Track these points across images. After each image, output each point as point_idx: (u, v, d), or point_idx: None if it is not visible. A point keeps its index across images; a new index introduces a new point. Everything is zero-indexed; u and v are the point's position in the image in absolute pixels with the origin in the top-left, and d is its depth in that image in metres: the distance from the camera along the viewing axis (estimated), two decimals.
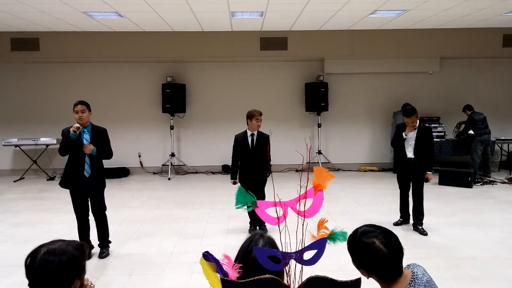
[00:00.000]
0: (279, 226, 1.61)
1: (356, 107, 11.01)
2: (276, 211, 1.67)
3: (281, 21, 9.29)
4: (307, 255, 1.59)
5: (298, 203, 1.68)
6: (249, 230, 5.92)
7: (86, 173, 4.97)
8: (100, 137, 5.10)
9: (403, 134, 5.85)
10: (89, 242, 5.16)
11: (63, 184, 5.06)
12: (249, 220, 5.98)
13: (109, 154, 5.20)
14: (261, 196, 5.76)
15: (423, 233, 5.73)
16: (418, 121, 5.84)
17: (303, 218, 1.61)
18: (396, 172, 6.28)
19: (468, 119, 9.60)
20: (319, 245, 1.57)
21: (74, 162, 4.97)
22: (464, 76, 11.01)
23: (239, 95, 10.78)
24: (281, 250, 1.68)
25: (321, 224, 1.63)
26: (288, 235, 1.59)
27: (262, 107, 5.93)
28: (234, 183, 5.92)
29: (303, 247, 1.57)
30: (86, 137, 4.98)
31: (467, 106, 9.78)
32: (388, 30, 10.42)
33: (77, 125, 4.81)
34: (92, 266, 4.70)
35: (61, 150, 4.94)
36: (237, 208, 1.75)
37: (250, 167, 5.72)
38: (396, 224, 6.11)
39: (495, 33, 10.50)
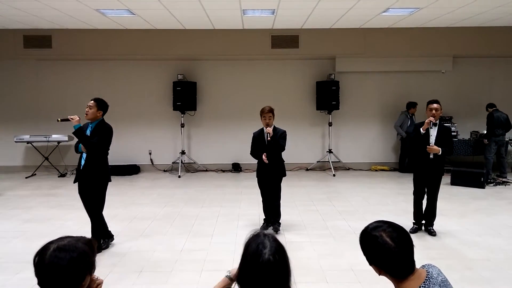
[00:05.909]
0: None
1: (368, 106, 10.93)
2: None
3: (293, 19, 9.25)
4: None
5: None
6: (261, 226, 5.93)
7: (81, 165, 5.07)
8: (99, 129, 5.06)
9: (421, 129, 5.64)
10: (109, 233, 5.31)
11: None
12: (263, 217, 5.98)
13: (91, 144, 4.92)
14: (278, 191, 5.81)
15: (432, 233, 5.67)
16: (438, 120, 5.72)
17: None
18: (413, 172, 5.97)
19: (487, 116, 9.43)
20: None
21: (80, 157, 5.14)
22: (478, 75, 10.87)
23: (249, 93, 10.76)
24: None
25: None
26: None
27: (272, 105, 5.87)
28: (266, 156, 5.65)
29: None
30: (88, 131, 5.07)
31: (489, 104, 9.61)
32: (400, 29, 10.31)
33: (74, 117, 4.94)
34: (102, 263, 4.71)
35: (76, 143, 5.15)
36: None
37: (266, 163, 5.69)
38: (412, 231, 5.73)
39: (509, 31, 10.34)
